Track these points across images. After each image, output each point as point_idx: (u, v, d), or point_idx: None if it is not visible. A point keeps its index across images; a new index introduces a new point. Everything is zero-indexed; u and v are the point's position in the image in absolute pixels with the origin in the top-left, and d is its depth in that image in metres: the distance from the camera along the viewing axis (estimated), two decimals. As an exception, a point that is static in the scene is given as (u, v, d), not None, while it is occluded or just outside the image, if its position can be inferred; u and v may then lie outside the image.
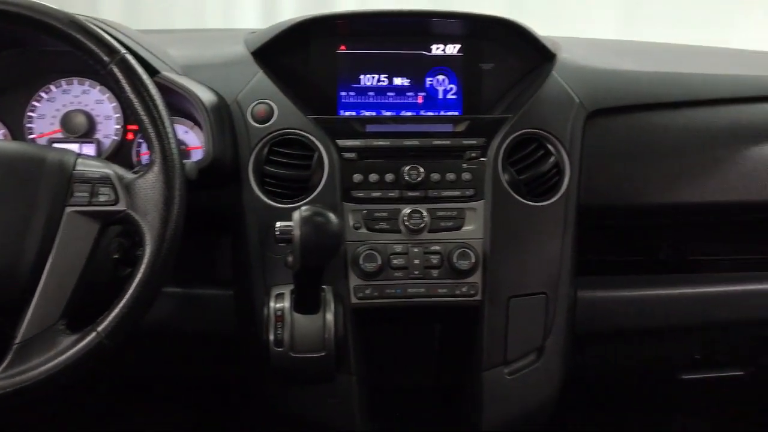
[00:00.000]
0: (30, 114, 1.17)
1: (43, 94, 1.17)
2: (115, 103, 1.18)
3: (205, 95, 1.08)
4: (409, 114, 1.21)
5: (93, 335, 0.85)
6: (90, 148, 1.16)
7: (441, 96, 1.21)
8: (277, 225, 0.95)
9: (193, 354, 1.27)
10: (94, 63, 0.91)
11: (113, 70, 0.90)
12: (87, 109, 1.17)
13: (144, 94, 0.90)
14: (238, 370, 1.21)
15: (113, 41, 0.91)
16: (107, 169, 0.90)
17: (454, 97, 1.21)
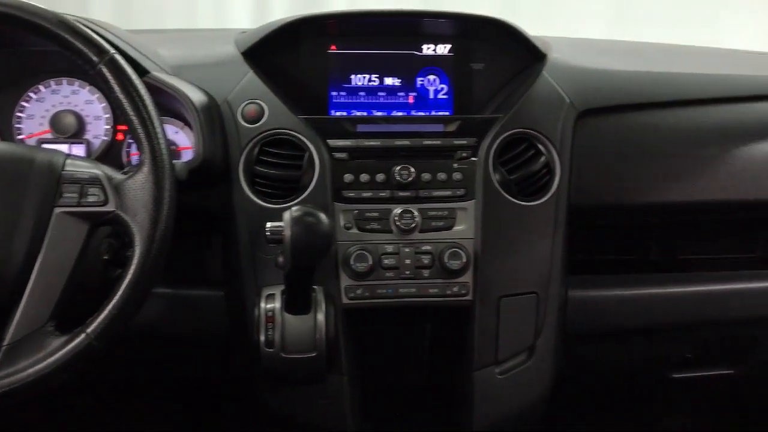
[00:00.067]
0: (19, 114, 1.16)
1: (32, 95, 1.17)
2: (104, 104, 1.17)
3: (195, 95, 1.08)
4: (400, 114, 1.21)
5: (82, 337, 0.84)
6: (80, 149, 1.16)
7: (432, 96, 1.21)
8: (268, 225, 0.96)
9: (183, 355, 1.26)
10: (83, 63, 0.90)
11: (102, 70, 0.90)
12: (76, 110, 1.17)
13: (133, 95, 0.90)
14: (229, 371, 1.21)
15: (102, 41, 0.91)
16: (96, 170, 0.90)
17: (445, 97, 1.21)
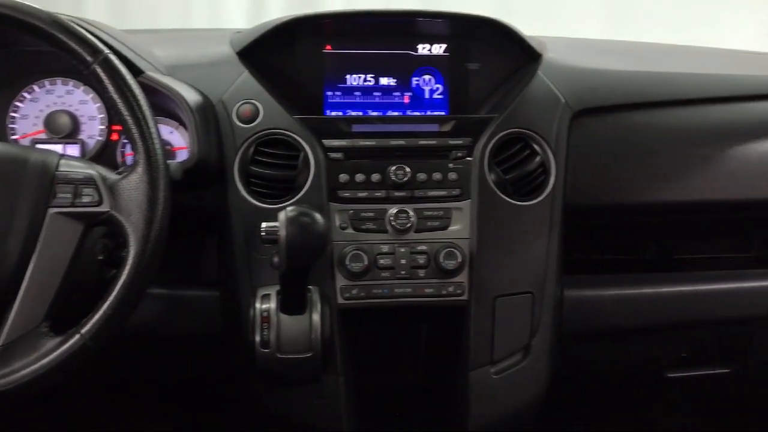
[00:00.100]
0: (13, 114, 1.16)
1: (26, 95, 1.16)
2: (99, 104, 1.17)
3: (190, 95, 1.08)
4: (395, 114, 1.20)
5: (77, 337, 0.84)
6: (74, 149, 1.15)
7: (427, 96, 1.21)
8: (263, 225, 0.95)
9: (179, 355, 1.26)
10: (77, 63, 0.90)
11: (96, 70, 0.89)
12: (71, 110, 1.16)
13: (127, 95, 0.89)
14: (224, 371, 1.21)
15: (96, 41, 0.90)
16: (90, 170, 0.89)
17: (441, 96, 1.21)
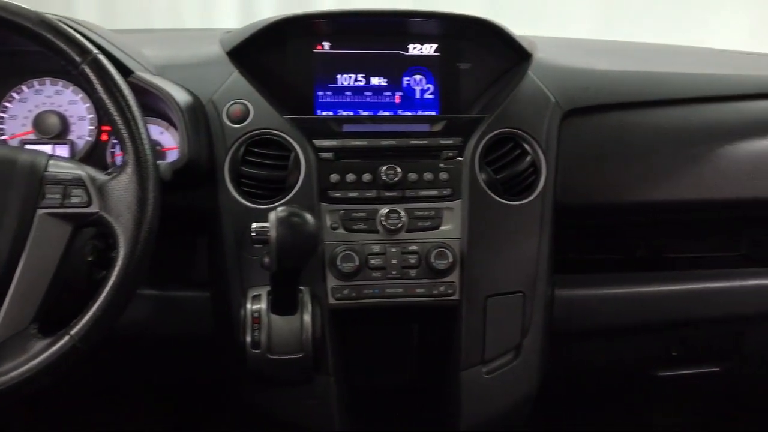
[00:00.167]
0: (1, 115, 1.15)
1: (14, 95, 1.15)
2: (89, 104, 1.16)
3: (180, 95, 1.07)
4: (386, 114, 1.20)
5: (66, 339, 0.83)
6: (63, 149, 1.15)
7: (418, 96, 1.21)
8: (253, 226, 0.95)
9: (170, 357, 1.26)
10: (66, 63, 0.90)
11: (85, 70, 0.89)
12: (60, 110, 1.16)
13: (117, 95, 0.89)
14: (215, 372, 1.20)
15: (85, 41, 0.90)
16: (80, 171, 0.89)
17: (432, 96, 1.21)
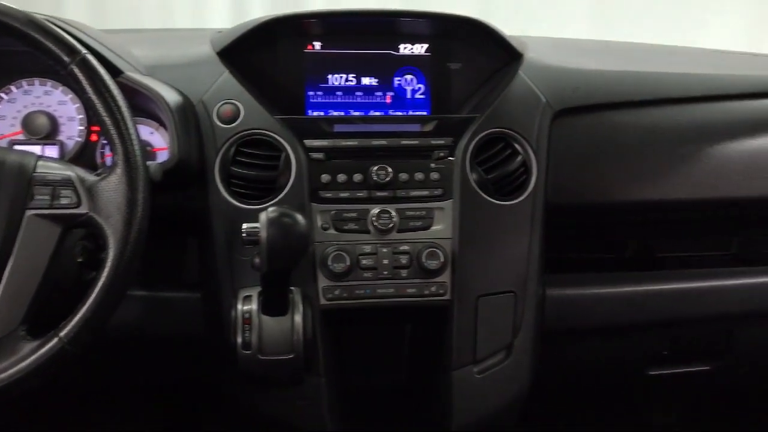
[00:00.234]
0: (-11, 115, 1.15)
1: (3, 95, 1.15)
2: (78, 104, 1.16)
3: (170, 95, 1.07)
4: (377, 114, 1.20)
5: (55, 341, 0.83)
6: (53, 150, 1.14)
7: (409, 96, 1.21)
8: (244, 227, 0.95)
9: (161, 358, 1.25)
10: (54, 63, 0.89)
11: (74, 70, 0.88)
12: (49, 110, 1.15)
13: (106, 95, 0.89)
14: (206, 373, 1.20)
15: (73, 41, 0.89)
16: (69, 171, 0.88)
17: (423, 96, 1.21)
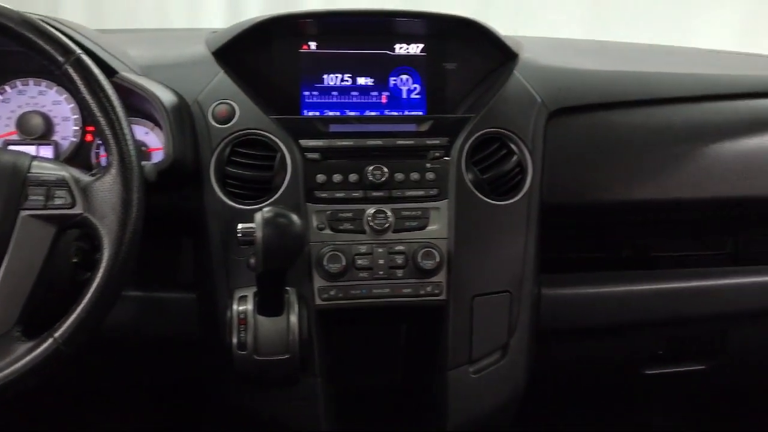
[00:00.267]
0: (-16, 115, 1.14)
1: (-3, 95, 1.15)
2: (73, 104, 1.16)
3: (165, 95, 1.06)
4: (373, 114, 1.20)
5: (50, 342, 0.83)
6: (47, 150, 1.14)
7: (405, 96, 1.21)
8: (239, 227, 0.95)
9: (157, 358, 1.25)
10: (49, 63, 0.89)
11: (68, 70, 0.88)
12: (44, 110, 1.15)
13: (100, 95, 0.89)
14: (202, 374, 1.20)
15: (68, 41, 0.89)
16: (63, 172, 0.88)
17: (418, 96, 1.21)
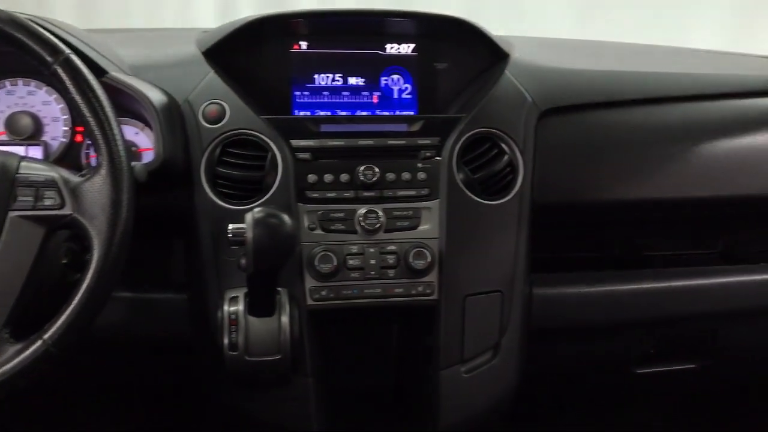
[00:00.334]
0: (-27, 116, 1.14)
1: (-14, 96, 1.14)
2: (62, 105, 1.15)
3: (155, 95, 1.06)
4: (364, 114, 1.20)
5: (39, 343, 0.82)
6: (37, 151, 1.13)
7: (396, 95, 1.21)
8: (230, 227, 0.94)
9: (148, 359, 1.25)
10: (38, 63, 0.89)
11: (57, 70, 0.88)
12: (33, 111, 1.14)
13: (90, 96, 0.88)
14: (194, 373, 1.19)
15: (57, 41, 0.89)
16: (52, 173, 0.88)
17: (409, 96, 1.21)
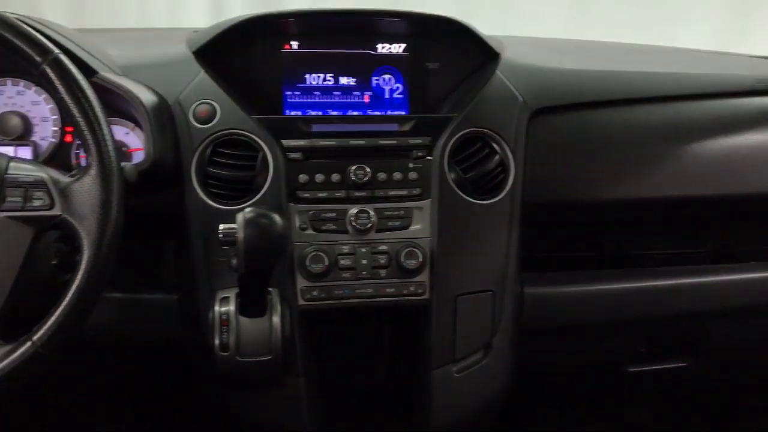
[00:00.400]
0: (-39, 116, 1.13)
1: (-26, 96, 1.13)
2: (52, 105, 1.14)
3: (145, 95, 1.06)
4: (355, 113, 1.20)
5: (28, 345, 0.82)
6: (26, 151, 1.12)
7: (387, 95, 1.21)
8: (221, 228, 0.94)
9: (138, 360, 1.24)
10: (27, 63, 0.88)
11: (46, 70, 0.87)
12: (22, 111, 1.13)
13: (79, 96, 0.88)
14: (186, 374, 1.19)
15: (45, 41, 0.88)
16: (41, 173, 0.87)
17: (401, 96, 1.21)
